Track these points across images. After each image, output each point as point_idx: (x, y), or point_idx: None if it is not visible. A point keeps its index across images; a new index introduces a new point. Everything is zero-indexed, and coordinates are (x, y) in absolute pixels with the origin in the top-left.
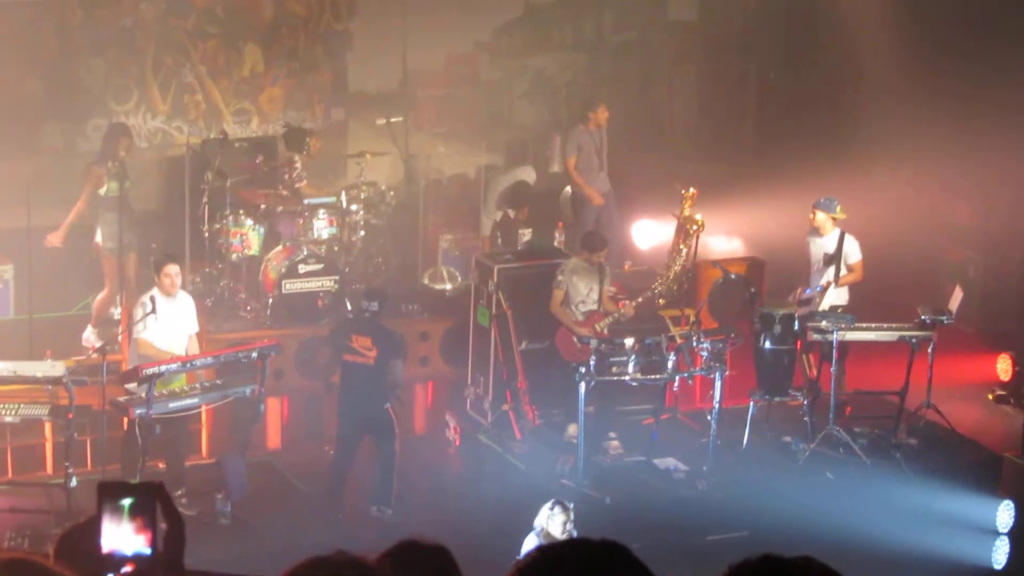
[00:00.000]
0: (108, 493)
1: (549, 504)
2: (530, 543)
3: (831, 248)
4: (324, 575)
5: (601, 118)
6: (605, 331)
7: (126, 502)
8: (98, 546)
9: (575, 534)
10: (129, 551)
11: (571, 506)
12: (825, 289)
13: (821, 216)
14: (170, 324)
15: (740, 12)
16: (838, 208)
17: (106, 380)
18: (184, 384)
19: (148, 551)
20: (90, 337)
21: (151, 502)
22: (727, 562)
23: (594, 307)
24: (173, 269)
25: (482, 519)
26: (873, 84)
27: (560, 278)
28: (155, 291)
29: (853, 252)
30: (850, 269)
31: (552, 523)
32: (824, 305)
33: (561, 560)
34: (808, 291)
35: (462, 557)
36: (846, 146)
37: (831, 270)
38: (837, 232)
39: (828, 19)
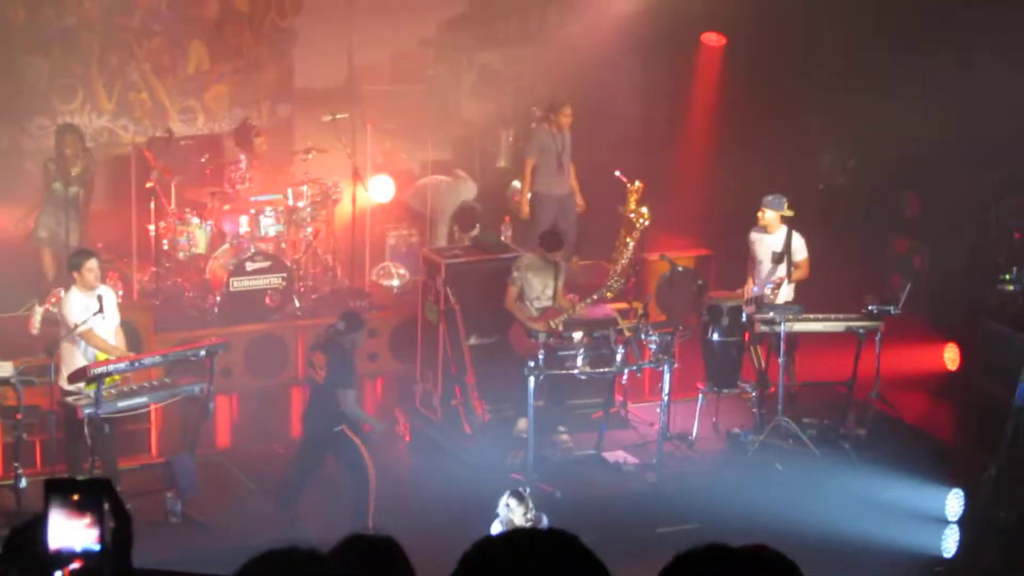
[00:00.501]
0: (56, 489)
1: (505, 497)
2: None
3: (778, 246)
4: (278, 570)
5: (564, 120)
6: (559, 327)
7: (74, 498)
8: (45, 543)
9: (544, 520)
10: (78, 547)
11: (527, 492)
12: (778, 285)
13: (771, 214)
14: (100, 320)
15: (686, 2)
16: (786, 206)
17: (54, 380)
18: (133, 384)
19: (97, 547)
20: (37, 318)
21: (99, 498)
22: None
23: (549, 303)
24: (93, 263)
25: (432, 513)
26: (820, 74)
27: (515, 274)
28: (73, 288)
29: (800, 249)
30: (797, 266)
31: (514, 516)
32: (778, 302)
33: (505, 550)
34: (756, 289)
35: (413, 551)
36: (793, 137)
37: (782, 267)
38: (784, 229)
39: (778, 8)
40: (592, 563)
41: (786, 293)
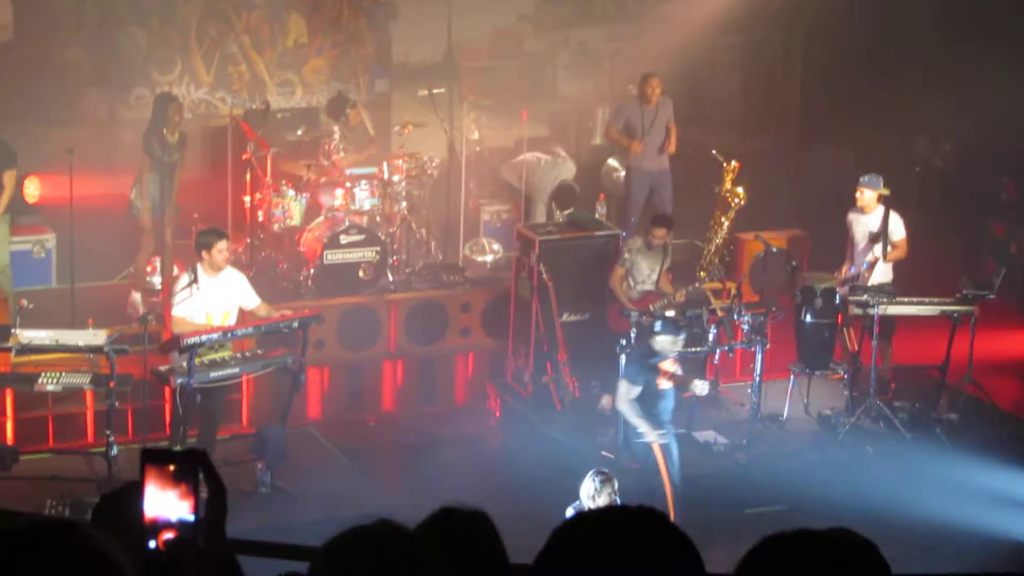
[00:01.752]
0: (151, 459)
1: (591, 475)
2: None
3: (875, 226)
4: (366, 545)
5: (650, 91)
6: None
7: (171, 468)
8: (141, 512)
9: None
10: (173, 517)
11: (612, 476)
12: (873, 265)
13: (869, 194)
14: (211, 299)
15: None
16: (883, 185)
17: (148, 349)
18: (228, 353)
19: (191, 518)
20: (137, 301)
21: (194, 468)
22: (765, 535)
23: (652, 287)
24: (224, 244)
25: (523, 489)
26: (917, 55)
27: (626, 255)
28: (198, 266)
29: (898, 229)
30: (894, 246)
31: (599, 499)
32: (872, 282)
33: (597, 526)
34: (852, 269)
35: (504, 527)
36: (889, 119)
37: (878, 247)
38: (881, 209)
39: None
40: (682, 541)
41: (882, 273)
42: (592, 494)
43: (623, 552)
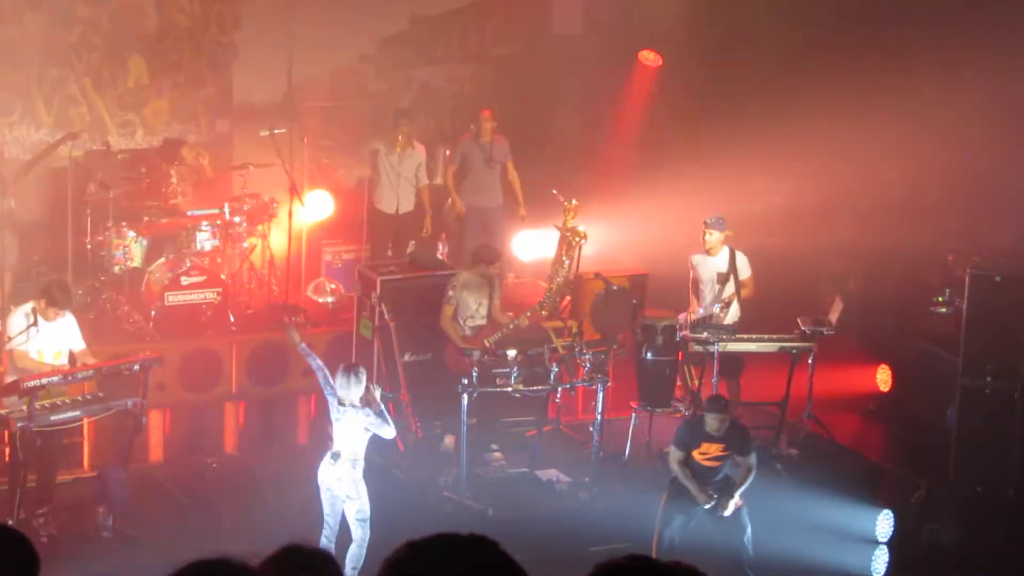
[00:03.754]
0: None
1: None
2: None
3: (723, 266)
4: None
5: (485, 125)
6: (492, 345)
7: None
8: None
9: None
10: None
11: (361, 371)
12: (728, 304)
13: (716, 235)
14: (44, 340)
15: (626, 25)
16: (725, 225)
17: None
18: (66, 397)
19: None
20: None
21: None
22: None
23: (483, 322)
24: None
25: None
26: (755, 95)
27: (451, 293)
28: (31, 305)
29: (744, 267)
30: (744, 285)
31: (350, 393)
32: (728, 321)
33: (428, 554)
34: (702, 310)
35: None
36: (727, 157)
37: (729, 286)
38: (726, 249)
39: (720, 30)
40: (514, 569)
41: (735, 313)
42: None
43: None
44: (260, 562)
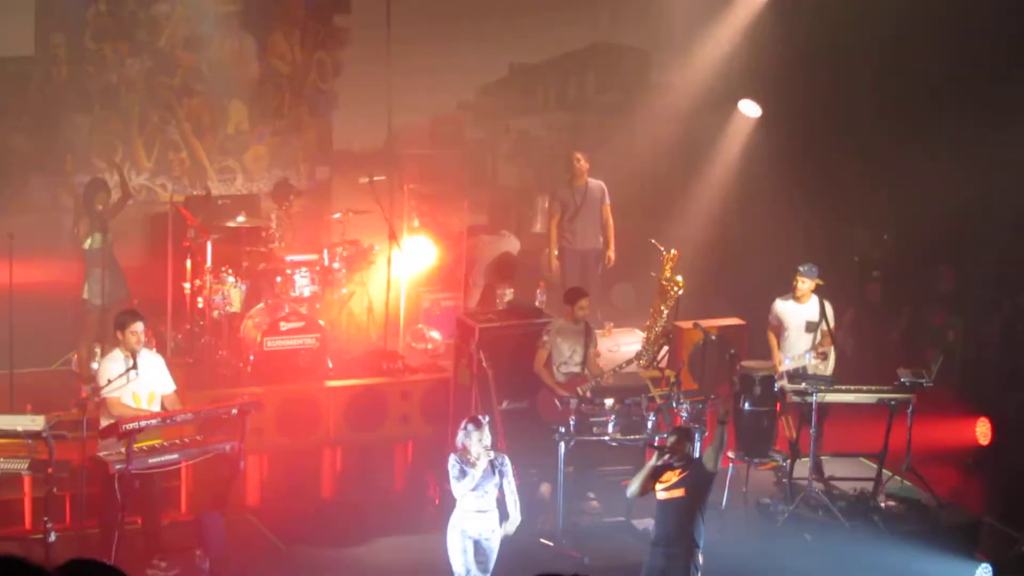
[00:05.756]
0: None
1: (464, 424)
2: (451, 462)
3: (813, 315)
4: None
5: (578, 167)
6: (587, 394)
7: None
8: None
9: (491, 450)
10: None
11: (485, 421)
12: (824, 355)
13: (807, 283)
14: (138, 382)
15: (724, 74)
16: (817, 273)
17: (86, 435)
18: (160, 441)
19: None
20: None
21: None
22: None
23: (576, 369)
24: (139, 327)
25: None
26: (854, 143)
27: (545, 338)
28: (119, 349)
29: (831, 317)
30: (823, 335)
31: (470, 441)
32: (828, 370)
33: None
34: (788, 360)
35: None
36: (829, 208)
37: (817, 334)
38: (815, 298)
39: (815, 77)
40: None
41: (832, 362)
42: (464, 437)
43: None
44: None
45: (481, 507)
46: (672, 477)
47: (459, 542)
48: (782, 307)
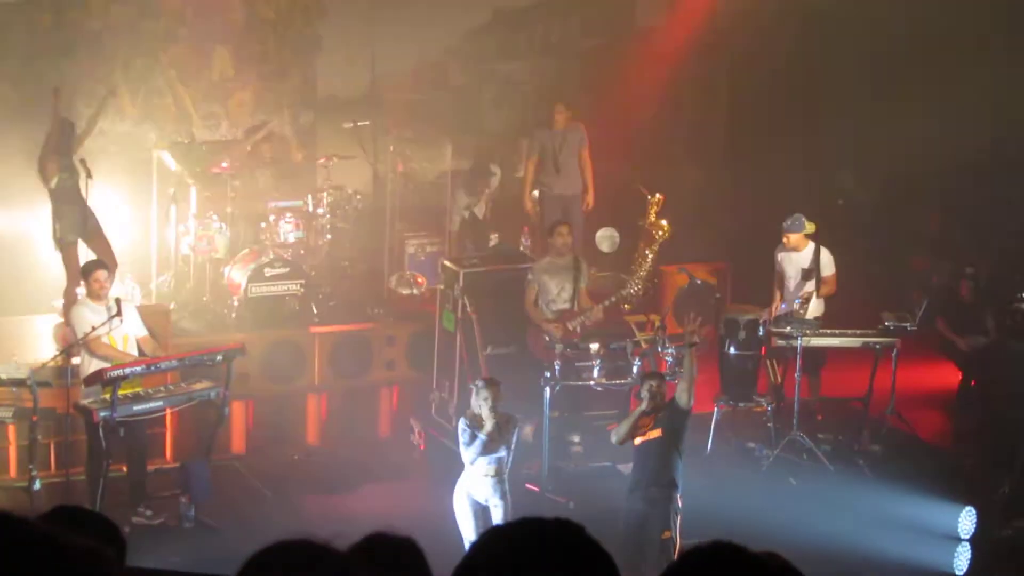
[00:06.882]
0: None
1: (474, 385)
2: (461, 427)
3: (807, 262)
4: (292, 561)
5: (558, 117)
6: (577, 329)
7: None
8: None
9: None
10: None
11: (498, 383)
12: (806, 301)
13: (795, 237)
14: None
15: (710, 16)
16: (806, 224)
17: (71, 383)
18: (140, 388)
19: None
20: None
21: None
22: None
23: (566, 306)
24: (102, 275)
25: (446, 520)
26: (844, 87)
27: (530, 277)
28: (86, 295)
29: (828, 265)
30: (824, 282)
31: (478, 400)
32: (809, 315)
33: (514, 537)
34: (784, 306)
35: (430, 558)
36: (816, 152)
37: (810, 283)
38: (811, 245)
39: (800, 21)
40: (599, 554)
41: (815, 308)
42: (474, 400)
43: (540, 564)
44: (346, 548)
45: (489, 472)
46: (648, 421)
47: (467, 507)
48: (780, 255)
